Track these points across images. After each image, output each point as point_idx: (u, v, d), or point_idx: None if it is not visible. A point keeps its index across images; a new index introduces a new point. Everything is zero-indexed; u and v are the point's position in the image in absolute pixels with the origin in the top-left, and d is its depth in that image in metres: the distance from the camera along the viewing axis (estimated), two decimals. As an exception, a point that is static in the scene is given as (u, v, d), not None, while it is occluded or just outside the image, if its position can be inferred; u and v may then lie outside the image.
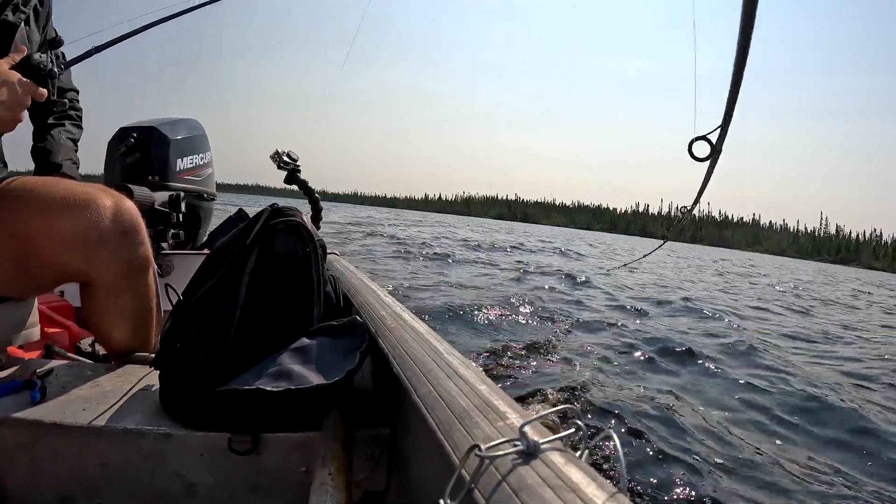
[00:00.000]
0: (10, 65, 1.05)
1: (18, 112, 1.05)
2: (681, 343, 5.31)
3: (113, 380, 1.10)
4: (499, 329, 5.17)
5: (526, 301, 6.82)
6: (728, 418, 3.35)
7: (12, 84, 1.03)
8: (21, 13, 1.19)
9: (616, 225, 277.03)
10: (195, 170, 2.51)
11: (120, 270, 1.14)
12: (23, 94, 1.04)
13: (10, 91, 1.02)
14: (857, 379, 4.80)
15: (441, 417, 0.59)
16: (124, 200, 1.16)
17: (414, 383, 0.72)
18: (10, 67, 1.05)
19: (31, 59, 1.09)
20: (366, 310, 1.17)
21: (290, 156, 2.39)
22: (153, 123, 2.42)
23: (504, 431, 0.50)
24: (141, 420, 0.92)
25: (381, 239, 16.45)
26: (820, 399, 3.86)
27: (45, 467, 0.90)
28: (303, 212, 1.14)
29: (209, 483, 0.89)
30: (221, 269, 1.03)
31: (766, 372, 4.57)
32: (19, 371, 1.12)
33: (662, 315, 7.38)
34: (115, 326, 1.22)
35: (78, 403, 0.97)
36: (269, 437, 0.87)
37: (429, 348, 0.83)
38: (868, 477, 2.76)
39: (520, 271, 10.71)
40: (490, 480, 0.43)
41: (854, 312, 12.26)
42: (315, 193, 2.48)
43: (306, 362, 0.90)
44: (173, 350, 0.99)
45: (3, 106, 1.02)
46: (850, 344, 7.05)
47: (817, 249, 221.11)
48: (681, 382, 4.03)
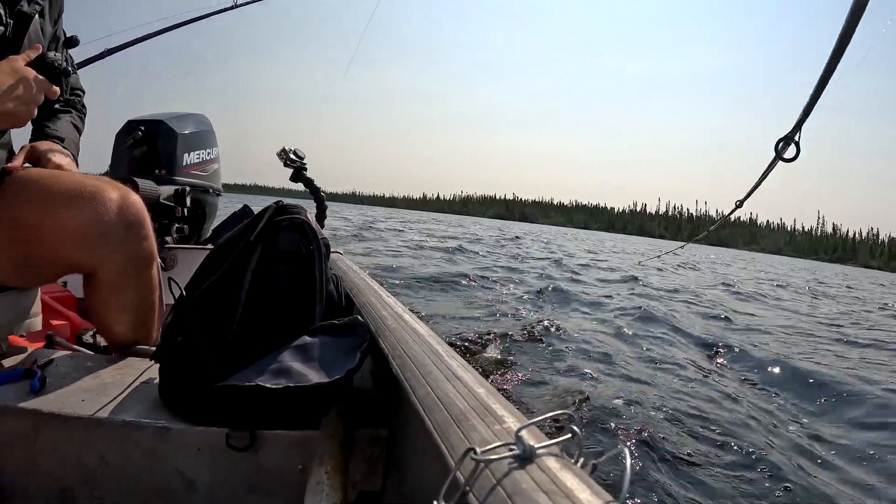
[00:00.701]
0: (25, 61, 1.07)
1: (32, 108, 1.06)
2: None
3: (113, 372, 1.11)
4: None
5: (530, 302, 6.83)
6: (733, 425, 3.33)
7: (28, 80, 1.04)
8: (36, 4, 1.20)
9: (613, 224, 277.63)
10: (202, 165, 2.52)
11: (124, 264, 1.15)
12: (37, 91, 1.06)
13: (26, 87, 1.03)
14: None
15: (439, 419, 0.59)
16: (130, 194, 1.16)
17: (413, 385, 0.72)
18: (26, 64, 1.06)
19: (46, 58, 1.10)
20: (367, 309, 1.17)
21: (297, 153, 2.40)
22: (161, 117, 2.43)
23: (501, 435, 0.50)
24: (140, 413, 0.92)
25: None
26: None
27: (43, 457, 0.91)
28: (307, 209, 1.14)
29: (206, 478, 0.89)
30: (225, 264, 1.03)
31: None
32: (20, 360, 1.12)
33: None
34: (117, 319, 1.22)
35: (77, 394, 0.97)
36: (267, 434, 0.88)
37: (429, 350, 0.83)
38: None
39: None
40: (485, 484, 0.43)
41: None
42: (321, 192, 2.48)
43: (307, 360, 0.90)
44: (174, 344, 0.99)
45: (18, 101, 1.03)
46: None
47: (814, 248, 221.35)
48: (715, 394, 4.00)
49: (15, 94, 1.02)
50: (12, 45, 1.14)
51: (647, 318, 6.83)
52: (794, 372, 4.78)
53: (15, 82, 1.02)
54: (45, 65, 1.10)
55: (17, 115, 1.04)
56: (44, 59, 1.10)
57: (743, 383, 4.46)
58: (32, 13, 1.18)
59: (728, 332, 6.88)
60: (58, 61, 1.12)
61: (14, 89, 1.02)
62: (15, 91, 1.02)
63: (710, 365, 4.93)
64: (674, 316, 7.23)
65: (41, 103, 1.07)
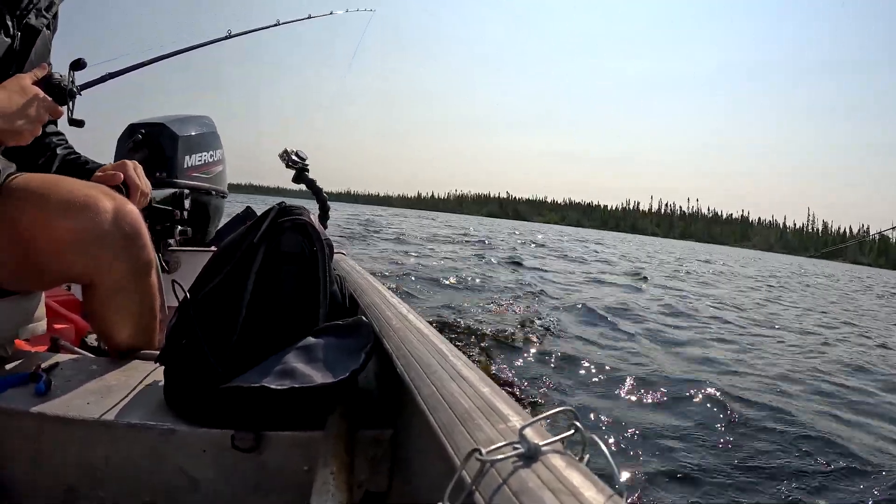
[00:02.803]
0: (33, 80, 1.07)
1: (37, 127, 1.07)
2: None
3: (118, 374, 1.11)
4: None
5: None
6: (736, 425, 3.32)
7: (35, 99, 1.05)
8: (43, 18, 1.20)
9: (606, 222, 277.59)
10: (204, 167, 2.52)
11: (122, 274, 1.13)
12: (44, 110, 1.07)
13: (34, 106, 1.05)
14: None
15: (443, 419, 0.59)
16: (126, 203, 1.14)
17: (417, 384, 0.72)
18: (32, 83, 1.07)
19: (52, 78, 1.11)
20: (371, 310, 1.17)
21: (299, 155, 2.40)
22: (163, 120, 2.43)
23: (506, 434, 0.50)
24: (145, 415, 0.92)
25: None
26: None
27: (49, 459, 0.91)
28: (310, 210, 1.14)
29: (211, 480, 0.89)
30: (228, 266, 1.03)
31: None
32: (25, 364, 1.13)
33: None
34: (117, 328, 1.22)
35: (82, 397, 0.98)
36: (271, 436, 0.88)
37: (433, 349, 0.83)
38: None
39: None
40: (490, 483, 0.43)
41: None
42: (323, 193, 2.48)
43: (311, 361, 0.90)
44: (179, 346, 1.00)
45: (25, 119, 1.04)
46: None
47: (804, 245, 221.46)
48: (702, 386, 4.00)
49: (24, 112, 1.03)
50: (19, 58, 1.15)
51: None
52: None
53: (24, 101, 1.03)
54: (51, 85, 1.10)
55: (22, 132, 1.05)
56: (50, 79, 1.11)
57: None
58: (40, 27, 1.19)
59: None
60: (64, 82, 1.13)
61: (24, 108, 1.03)
62: (25, 110, 1.03)
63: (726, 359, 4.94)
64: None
65: (45, 122, 1.08)
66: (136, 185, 1.30)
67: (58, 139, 1.38)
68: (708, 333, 6.44)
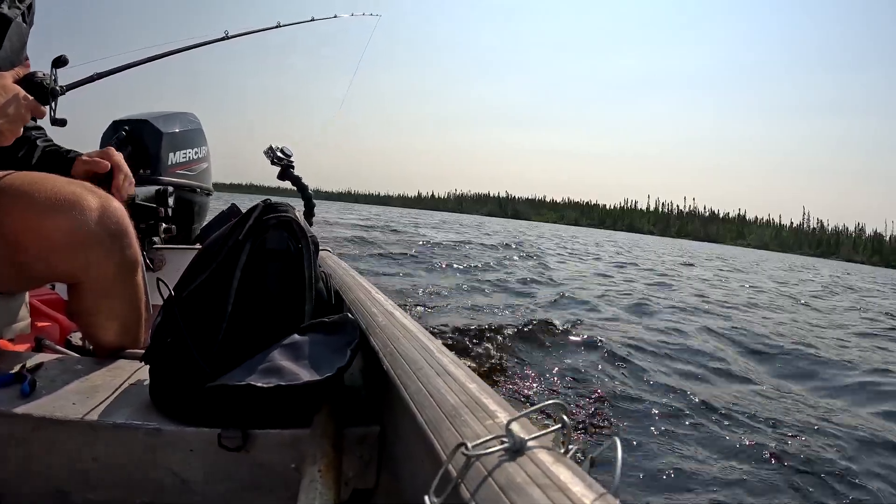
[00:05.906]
0: (14, 79, 1.05)
1: (18, 127, 1.05)
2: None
3: (103, 374, 1.10)
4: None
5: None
6: (729, 420, 3.35)
7: (16, 98, 1.03)
8: (17, 8, 1.18)
9: (604, 221, 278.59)
10: (188, 164, 2.50)
11: (108, 273, 1.12)
12: (25, 110, 1.04)
13: (15, 106, 1.02)
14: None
15: (430, 415, 0.59)
16: (111, 201, 1.13)
17: (404, 381, 0.72)
18: (14, 82, 1.05)
19: (35, 76, 1.09)
20: (357, 307, 1.17)
21: (284, 151, 2.39)
22: (146, 117, 2.41)
23: (493, 429, 0.51)
24: (131, 415, 0.92)
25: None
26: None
27: (37, 460, 0.90)
28: (296, 207, 1.14)
29: (200, 479, 0.89)
30: (213, 264, 1.03)
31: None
32: (9, 364, 1.11)
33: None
34: (103, 327, 1.21)
35: (68, 397, 0.97)
36: (258, 434, 0.87)
37: (419, 346, 0.83)
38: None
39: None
40: (476, 477, 0.43)
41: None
42: (308, 190, 2.48)
43: (297, 359, 0.90)
44: (164, 345, 0.99)
45: (6, 119, 1.01)
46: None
47: (799, 243, 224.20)
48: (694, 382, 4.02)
49: (4, 112, 1.01)
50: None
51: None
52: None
53: (5, 101, 1.01)
54: (33, 83, 1.08)
55: (3, 133, 1.03)
56: (33, 77, 1.08)
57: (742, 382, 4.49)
58: (13, 17, 1.17)
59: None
60: (47, 80, 1.11)
61: (4, 107, 1.01)
62: (5, 110, 1.01)
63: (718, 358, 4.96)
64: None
65: (28, 122, 1.06)
66: (122, 168, 1.29)
67: (37, 132, 1.36)
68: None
